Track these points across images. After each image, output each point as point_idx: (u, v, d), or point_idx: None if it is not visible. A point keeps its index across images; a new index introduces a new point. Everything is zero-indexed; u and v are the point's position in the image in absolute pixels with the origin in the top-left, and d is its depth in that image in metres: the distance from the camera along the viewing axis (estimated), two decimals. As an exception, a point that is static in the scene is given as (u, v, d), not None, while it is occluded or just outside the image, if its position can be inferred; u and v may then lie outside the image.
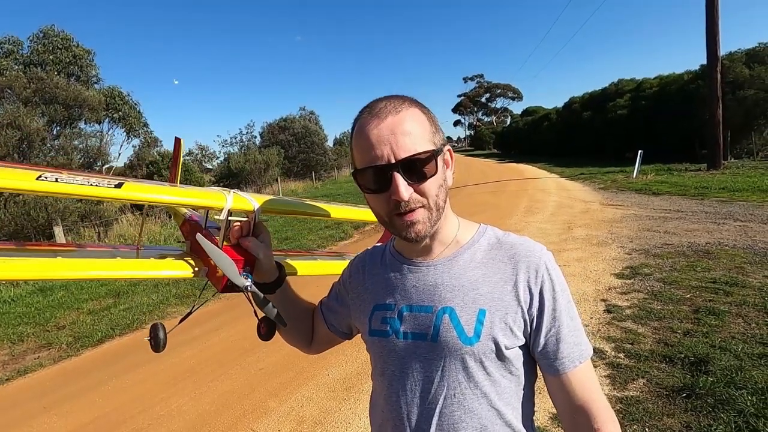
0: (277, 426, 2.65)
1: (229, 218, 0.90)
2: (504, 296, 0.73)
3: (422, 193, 0.71)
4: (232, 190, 0.95)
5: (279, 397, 2.97)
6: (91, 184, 0.78)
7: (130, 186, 0.82)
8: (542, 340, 0.73)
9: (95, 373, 3.64)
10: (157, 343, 0.93)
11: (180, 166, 1.44)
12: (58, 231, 7.96)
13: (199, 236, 0.84)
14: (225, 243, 0.90)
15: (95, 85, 20.53)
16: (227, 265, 0.82)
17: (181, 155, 1.43)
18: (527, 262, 0.74)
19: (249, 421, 2.73)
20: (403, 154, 0.68)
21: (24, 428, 2.94)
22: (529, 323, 0.73)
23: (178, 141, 1.38)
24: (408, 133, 0.69)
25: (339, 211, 1.14)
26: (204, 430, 2.68)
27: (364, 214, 1.21)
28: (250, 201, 0.91)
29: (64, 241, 8.07)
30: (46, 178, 0.75)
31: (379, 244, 0.93)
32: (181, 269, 0.96)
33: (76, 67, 19.78)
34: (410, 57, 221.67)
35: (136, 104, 23.46)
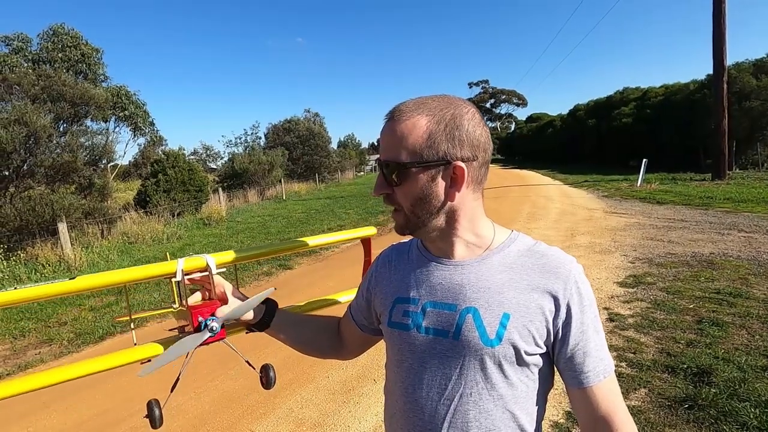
0: (275, 427, 2.64)
1: (186, 277, 0.90)
2: (530, 303, 0.73)
3: (394, 199, 0.76)
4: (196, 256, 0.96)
5: (278, 398, 2.96)
6: (47, 283, 0.82)
7: (83, 278, 0.85)
8: (568, 353, 0.73)
9: (95, 370, 3.65)
10: (153, 421, 0.94)
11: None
12: (62, 227, 7.99)
13: (143, 372, 0.83)
14: (198, 302, 0.90)
15: (103, 84, 20.74)
16: (181, 347, 0.83)
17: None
18: (557, 273, 0.74)
19: (248, 421, 2.73)
20: (382, 156, 0.75)
21: (23, 424, 2.95)
22: (552, 334, 0.73)
23: None
24: (394, 139, 0.73)
25: (313, 239, 1.14)
26: (203, 429, 2.67)
27: (339, 236, 1.21)
28: (202, 257, 0.91)
29: (68, 237, 8.10)
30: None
31: (404, 240, 0.94)
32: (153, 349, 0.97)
33: (85, 65, 20.01)
34: (414, 60, 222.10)
35: (143, 104, 23.70)
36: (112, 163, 17.78)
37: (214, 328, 0.84)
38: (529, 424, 0.75)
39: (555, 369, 0.78)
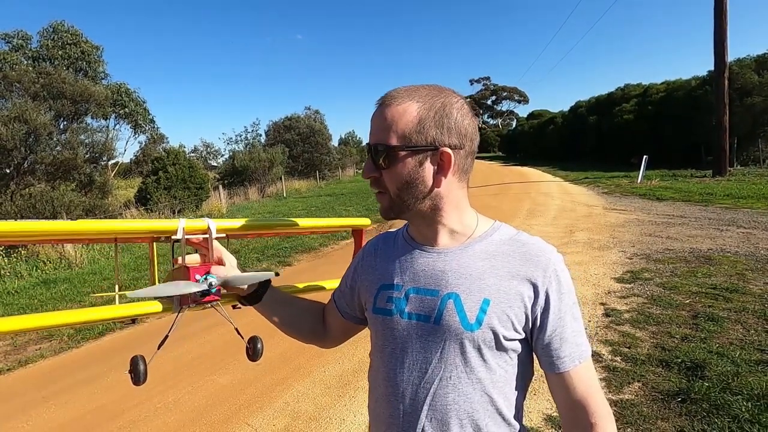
0: (271, 421, 2.66)
1: (186, 237, 0.89)
2: (509, 290, 0.74)
3: (381, 182, 0.78)
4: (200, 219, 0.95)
5: (274, 392, 2.99)
6: (50, 220, 0.80)
7: (84, 222, 0.84)
8: (546, 339, 0.75)
9: (95, 366, 3.68)
10: (137, 376, 0.89)
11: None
12: (63, 224, 8.03)
13: (129, 294, 0.79)
14: (195, 263, 0.89)
15: (103, 81, 20.77)
16: (172, 287, 0.79)
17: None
18: (537, 261, 0.76)
19: (244, 415, 2.75)
20: (372, 140, 0.76)
21: (23, 417, 2.98)
22: (531, 320, 0.75)
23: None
24: (384, 123, 0.74)
25: (307, 221, 1.14)
26: (200, 423, 2.70)
27: (333, 221, 1.23)
28: (203, 220, 0.92)
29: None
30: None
31: (392, 230, 0.96)
32: (150, 306, 0.92)
33: (84, 63, 20.04)
34: (415, 57, 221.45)
35: (143, 101, 23.75)
36: (112, 161, 17.81)
37: (213, 284, 0.83)
38: (507, 409, 0.77)
39: (534, 356, 0.80)
